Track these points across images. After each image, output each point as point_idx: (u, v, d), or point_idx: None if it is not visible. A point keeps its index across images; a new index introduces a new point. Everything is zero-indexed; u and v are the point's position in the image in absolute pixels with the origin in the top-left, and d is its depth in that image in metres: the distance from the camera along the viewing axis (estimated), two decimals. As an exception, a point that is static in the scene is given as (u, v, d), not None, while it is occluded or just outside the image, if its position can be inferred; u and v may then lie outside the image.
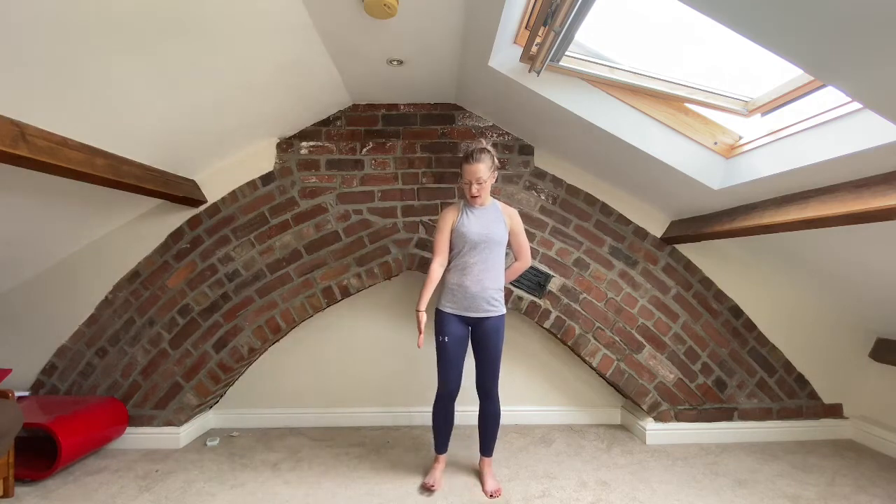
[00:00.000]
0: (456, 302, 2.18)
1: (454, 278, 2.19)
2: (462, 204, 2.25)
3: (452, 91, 2.69)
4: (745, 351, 2.81)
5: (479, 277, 2.15)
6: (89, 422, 2.44)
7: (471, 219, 2.19)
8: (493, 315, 2.18)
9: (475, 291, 2.15)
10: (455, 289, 2.18)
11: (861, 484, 2.25)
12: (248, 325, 2.77)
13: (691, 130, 2.23)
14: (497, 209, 2.25)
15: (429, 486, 2.19)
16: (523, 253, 2.33)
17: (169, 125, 2.19)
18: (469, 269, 2.16)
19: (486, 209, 2.23)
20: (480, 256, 2.16)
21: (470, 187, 2.15)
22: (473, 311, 2.17)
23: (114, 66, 1.69)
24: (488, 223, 2.19)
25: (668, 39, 2.16)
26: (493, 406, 2.24)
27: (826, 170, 1.72)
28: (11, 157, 1.58)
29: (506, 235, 2.23)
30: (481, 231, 2.16)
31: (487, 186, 2.19)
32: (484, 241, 2.16)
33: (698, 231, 2.49)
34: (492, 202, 2.26)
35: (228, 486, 2.27)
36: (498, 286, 2.20)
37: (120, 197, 2.44)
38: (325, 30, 1.96)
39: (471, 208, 2.23)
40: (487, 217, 2.21)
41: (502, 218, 2.23)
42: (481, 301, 2.16)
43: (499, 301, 2.21)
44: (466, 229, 2.17)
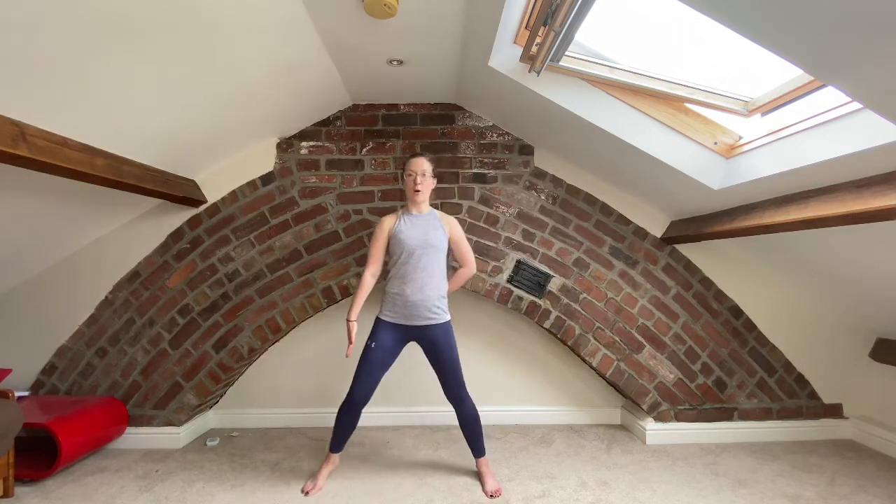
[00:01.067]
0: (396, 311, 2.18)
1: (394, 287, 2.19)
2: (400, 212, 2.27)
3: (452, 91, 2.69)
4: (745, 351, 2.81)
5: (419, 285, 2.14)
6: (89, 422, 2.44)
7: (408, 225, 2.20)
8: (435, 323, 2.17)
9: (416, 300, 2.14)
10: (395, 297, 2.17)
11: (861, 484, 2.25)
12: (248, 325, 2.77)
13: (691, 130, 2.23)
14: (435, 217, 2.26)
15: (305, 491, 2.16)
16: (467, 260, 2.32)
17: (169, 125, 2.19)
18: (409, 277, 2.15)
19: (423, 216, 2.24)
20: (419, 263, 2.15)
21: (414, 179, 2.18)
22: (414, 319, 2.16)
23: (114, 66, 1.69)
24: (426, 229, 2.19)
25: (668, 39, 2.16)
26: (468, 409, 2.22)
27: (826, 170, 1.72)
28: (11, 157, 1.58)
29: (445, 242, 2.23)
30: (419, 237, 2.17)
31: (428, 185, 2.23)
32: (422, 247, 2.15)
33: (698, 231, 2.49)
34: (430, 210, 2.28)
35: (228, 486, 2.27)
36: (440, 293, 2.19)
37: (120, 197, 2.44)
38: (325, 30, 1.96)
39: (408, 215, 2.24)
40: (425, 224, 2.21)
41: (440, 225, 2.24)
42: (422, 309, 2.15)
43: (441, 308, 2.19)
44: (404, 235, 2.17)
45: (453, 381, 2.20)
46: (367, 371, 2.18)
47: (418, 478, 2.33)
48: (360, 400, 2.20)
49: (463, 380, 2.23)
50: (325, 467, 2.29)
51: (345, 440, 2.29)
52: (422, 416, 3.06)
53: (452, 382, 2.20)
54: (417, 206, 2.25)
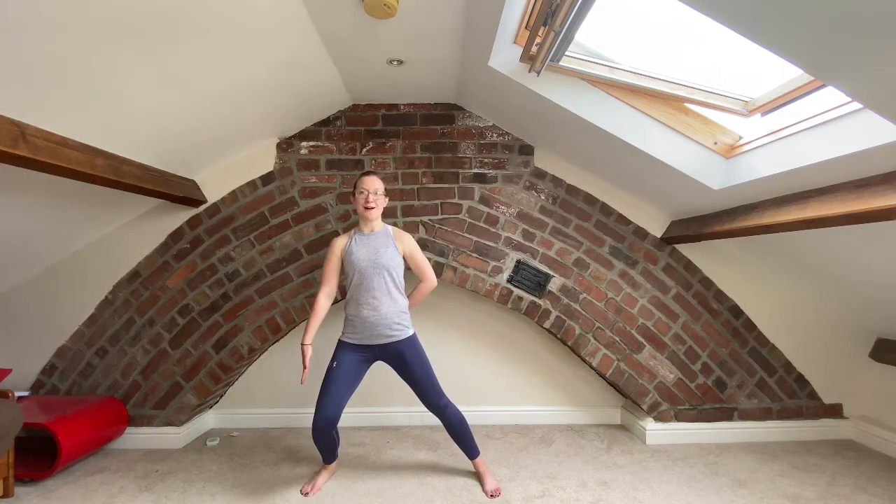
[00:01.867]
0: (356, 332, 2.16)
1: (351, 309, 2.18)
2: (353, 232, 2.25)
3: (452, 91, 2.69)
4: (745, 351, 2.81)
5: (374, 305, 2.12)
6: (89, 422, 2.44)
7: (359, 245, 2.18)
8: (397, 339, 2.15)
9: (374, 320, 2.12)
10: (354, 320, 2.16)
11: (861, 484, 2.25)
12: (248, 325, 2.77)
13: (691, 130, 2.23)
14: (388, 234, 2.22)
15: (303, 493, 2.17)
16: (425, 274, 2.28)
17: (169, 125, 2.19)
18: (363, 298, 2.13)
19: (375, 235, 2.21)
20: (373, 283, 2.13)
21: (366, 197, 2.15)
22: (375, 338, 2.14)
23: (114, 66, 1.69)
24: (377, 248, 2.16)
25: (668, 39, 2.16)
26: (451, 415, 2.19)
27: (826, 170, 1.72)
28: (11, 157, 1.58)
29: (397, 258, 2.19)
30: (369, 256, 2.14)
31: (381, 203, 2.20)
32: (373, 267, 2.13)
33: (698, 231, 2.49)
34: (383, 227, 2.25)
35: (228, 486, 2.27)
36: (398, 310, 2.17)
37: (120, 197, 2.44)
38: (325, 30, 1.96)
39: (360, 235, 2.22)
40: (376, 242, 2.18)
41: (392, 243, 2.20)
42: (382, 328, 2.13)
43: (402, 324, 2.17)
44: (354, 256, 2.15)
45: (430, 390, 2.18)
46: (330, 392, 2.11)
47: (418, 478, 2.33)
48: (327, 421, 2.10)
49: (440, 387, 2.20)
50: (323, 473, 2.29)
51: (333, 453, 2.26)
52: (422, 416, 3.05)
53: (430, 392, 2.18)
54: (369, 224, 2.21)
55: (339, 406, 2.12)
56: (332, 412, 2.10)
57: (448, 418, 2.19)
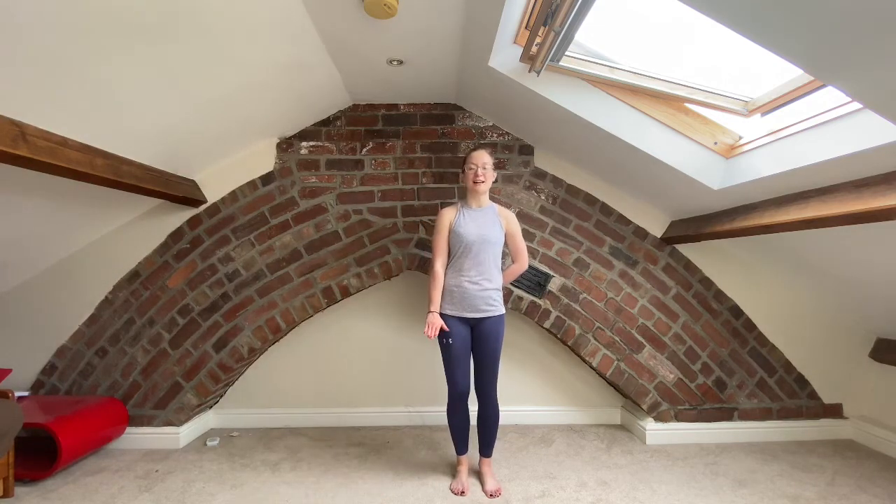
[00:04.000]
0: (455, 303, 2.19)
1: (452, 280, 2.21)
2: (460, 205, 2.28)
3: (452, 91, 2.69)
4: (745, 351, 2.81)
5: (476, 279, 2.17)
6: (89, 422, 2.44)
7: (467, 219, 2.22)
8: (492, 315, 2.19)
9: (474, 292, 2.16)
10: (454, 290, 2.19)
11: (861, 484, 2.25)
12: (248, 325, 2.77)
13: (691, 130, 2.23)
14: (494, 211, 2.27)
15: (458, 492, 2.19)
16: (521, 255, 2.33)
17: (169, 125, 2.19)
18: (466, 271, 2.18)
19: (482, 210, 2.25)
20: (477, 258, 2.17)
21: (475, 171, 2.19)
22: (472, 311, 2.18)
23: (114, 66, 1.69)
24: (485, 224, 2.21)
25: (668, 39, 2.16)
26: (492, 408, 2.23)
27: (826, 170, 1.72)
28: (11, 157, 1.58)
29: (502, 237, 2.25)
30: (478, 231, 2.18)
31: (490, 178, 2.24)
32: (480, 242, 2.17)
33: (698, 231, 2.49)
34: (489, 205, 2.29)
35: (228, 486, 2.27)
36: (496, 286, 2.21)
37: (120, 197, 2.44)
38: (325, 30, 1.96)
39: (468, 209, 2.25)
40: (484, 218, 2.23)
41: (498, 220, 2.25)
42: (480, 301, 2.17)
43: (497, 301, 2.21)
44: (463, 230, 2.19)
45: (489, 374, 2.22)
46: (456, 364, 2.19)
47: (418, 478, 2.33)
48: (462, 392, 2.21)
49: (497, 377, 2.24)
50: (460, 469, 2.29)
51: (465, 438, 2.29)
52: (422, 416, 3.06)
53: (487, 375, 2.22)
54: (477, 198, 2.26)
55: (468, 374, 2.23)
56: (465, 381, 2.21)
57: (486, 409, 2.23)
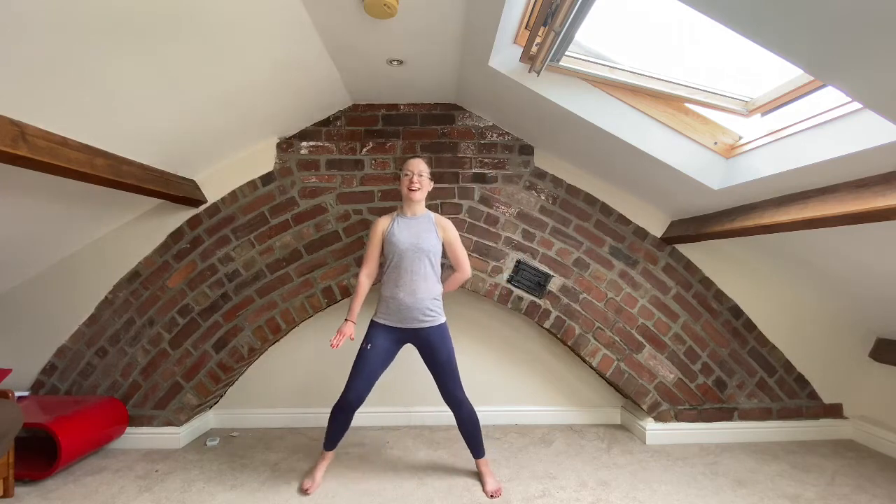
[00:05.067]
0: (390, 314, 2.18)
1: (387, 290, 2.19)
2: (395, 214, 2.27)
3: (452, 91, 2.69)
4: (745, 351, 2.81)
5: (411, 288, 2.15)
6: (89, 422, 2.44)
7: (401, 228, 2.20)
8: (429, 325, 2.17)
9: (409, 303, 2.15)
10: (389, 301, 2.18)
11: (861, 484, 2.25)
12: (248, 325, 2.77)
13: (691, 130, 2.23)
14: (430, 220, 2.25)
15: (304, 490, 2.16)
16: (461, 264, 2.30)
17: (169, 125, 2.19)
18: (401, 280, 2.16)
19: (418, 219, 2.24)
20: (412, 267, 2.15)
21: (411, 178, 2.18)
22: (408, 322, 2.16)
23: (114, 65, 1.69)
24: (418, 232, 2.19)
25: (668, 39, 2.16)
26: (466, 411, 2.21)
27: (826, 170, 1.72)
28: (11, 157, 1.58)
29: (438, 245, 2.22)
30: (411, 240, 2.16)
31: (426, 186, 2.23)
32: (413, 251, 2.15)
33: (698, 231, 2.49)
34: (425, 213, 2.28)
35: (228, 486, 2.27)
36: (432, 296, 2.19)
37: (120, 197, 2.44)
38: (325, 30, 1.96)
39: (403, 218, 2.24)
40: (418, 227, 2.21)
41: (434, 228, 2.23)
42: (416, 312, 2.15)
43: (435, 311, 2.19)
44: (396, 238, 2.17)
45: (450, 383, 2.19)
46: (363, 372, 2.17)
47: (418, 478, 2.33)
48: (354, 401, 2.17)
49: (460, 382, 2.22)
50: (320, 464, 2.28)
51: (338, 439, 2.27)
52: (422, 416, 3.06)
53: (450, 385, 2.19)
54: (412, 207, 2.25)
55: (369, 387, 2.18)
56: (362, 392, 2.17)
57: (461, 414, 2.21)
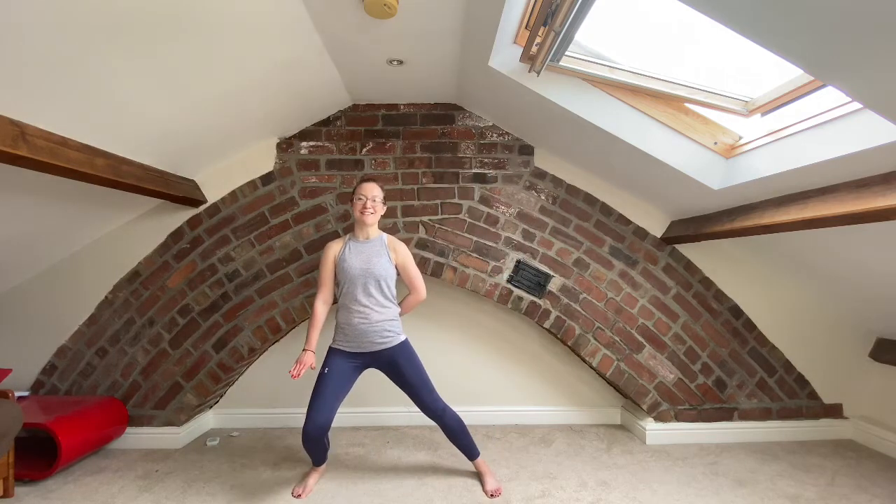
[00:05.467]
0: (347, 339, 2.17)
1: (342, 317, 2.18)
2: (347, 238, 2.25)
3: (452, 91, 2.69)
4: (745, 351, 2.81)
5: (365, 314, 2.13)
6: (89, 422, 2.44)
7: (352, 253, 2.18)
8: (388, 346, 2.15)
9: (364, 328, 2.13)
10: (344, 327, 2.17)
11: (861, 484, 2.25)
12: (248, 325, 2.77)
13: (691, 130, 2.23)
14: (382, 243, 2.23)
15: (296, 495, 2.15)
16: (415, 286, 2.29)
17: (169, 125, 2.19)
18: (354, 306, 2.14)
19: (369, 242, 2.21)
20: (365, 291, 2.13)
21: (364, 203, 2.15)
22: (366, 346, 2.15)
23: (114, 66, 1.69)
24: (369, 257, 2.17)
25: (668, 39, 2.16)
26: (450, 419, 2.19)
27: (826, 170, 1.72)
28: (11, 157, 1.58)
29: (390, 268, 2.19)
30: (362, 265, 2.14)
31: (379, 210, 2.20)
32: (365, 276, 2.13)
33: (698, 231, 2.49)
34: (378, 235, 2.25)
35: (228, 486, 2.27)
36: (388, 318, 2.17)
37: (120, 197, 2.44)
38: (325, 30, 1.96)
39: (355, 242, 2.22)
40: (370, 251, 2.19)
41: (386, 252, 2.20)
42: (372, 335, 2.14)
43: (392, 331, 2.17)
44: (347, 264, 2.15)
45: (425, 395, 2.17)
46: (323, 395, 2.09)
47: (418, 478, 2.33)
48: (318, 426, 2.06)
49: (435, 392, 2.19)
50: (312, 475, 2.28)
51: (323, 458, 2.26)
52: (422, 416, 3.03)
53: (426, 397, 2.17)
54: (364, 230, 2.21)
55: (331, 412, 2.10)
56: (324, 418, 2.07)
57: (445, 422, 2.19)
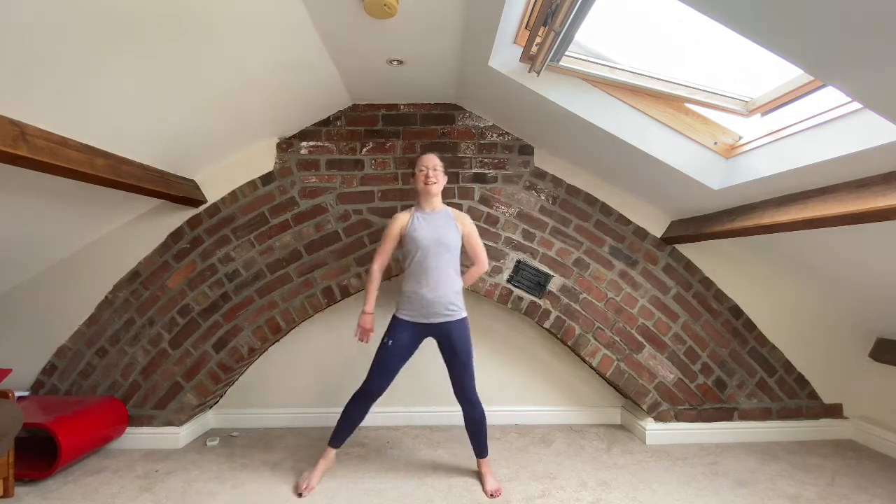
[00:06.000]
0: (413, 309, 2.18)
1: (409, 286, 2.19)
2: (413, 210, 2.28)
3: (452, 91, 2.69)
4: (745, 351, 2.81)
5: (434, 283, 2.15)
6: (89, 422, 2.44)
7: (421, 223, 2.20)
8: (452, 320, 2.17)
9: (431, 298, 2.14)
10: (412, 296, 2.18)
11: (861, 484, 2.25)
12: (248, 325, 2.77)
13: (691, 130, 2.23)
14: (449, 215, 2.26)
15: (298, 491, 2.14)
16: (479, 257, 2.32)
17: (169, 125, 2.19)
18: (423, 275, 2.15)
19: (437, 214, 2.24)
20: (434, 262, 2.15)
21: (426, 173, 2.19)
22: (432, 317, 2.16)
23: (114, 66, 1.69)
24: (439, 227, 2.20)
25: (668, 39, 2.16)
26: (476, 410, 2.22)
27: (826, 170, 1.72)
28: (11, 157, 1.58)
29: (458, 239, 2.23)
30: (432, 235, 2.17)
31: (441, 180, 2.24)
32: (435, 245, 2.15)
33: (698, 231, 2.49)
34: (443, 208, 2.28)
35: (228, 486, 2.27)
36: (455, 290, 2.19)
37: (120, 197, 2.44)
38: (325, 30, 1.96)
39: (422, 213, 2.24)
40: (438, 221, 2.22)
41: (454, 223, 2.24)
42: (439, 307, 2.15)
43: (457, 306, 2.19)
44: (418, 234, 2.17)
45: (468, 379, 2.21)
46: (384, 367, 2.19)
47: (418, 478, 2.33)
48: (374, 392, 2.20)
49: (474, 379, 2.23)
50: (320, 464, 2.27)
51: (347, 435, 2.27)
52: (422, 416, 3.06)
53: (467, 382, 2.21)
54: (430, 201, 2.25)
55: (390, 379, 2.21)
56: (383, 385, 2.20)
57: (472, 413, 2.23)
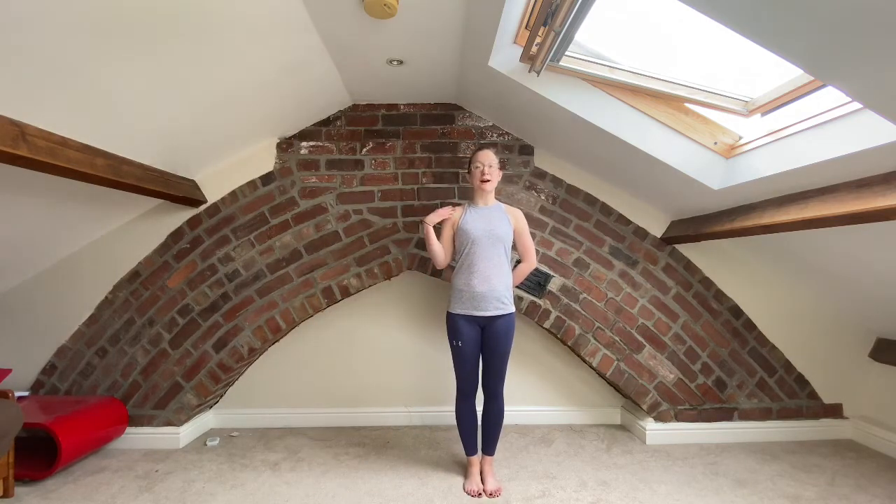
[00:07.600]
0: (465, 302, 2.20)
1: (461, 279, 2.22)
2: (466, 205, 2.31)
3: (452, 91, 2.69)
4: (745, 351, 2.81)
5: (486, 276, 2.17)
6: (89, 422, 2.44)
7: (474, 217, 2.24)
8: (503, 313, 2.19)
9: (483, 291, 2.17)
10: (464, 290, 2.20)
11: (861, 484, 2.25)
12: (248, 325, 2.77)
13: (691, 130, 2.23)
14: (501, 209, 2.29)
15: (474, 493, 2.16)
16: (528, 254, 2.34)
17: (169, 125, 2.19)
18: (475, 269, 2.18)
19: (489, 208, 2.28)
20: (485, 254, 2.18)
21: (482, 170, 2.21)
22: (483, 309, 2.18)
23: (114, 66, 1.69)
24: (491, 220, 2.23)
25: (668, 39, 2.16)
26: (497, 406, 2.25)
27: (826, 170, 1.72)
28: (11, 157, 1.58)
29: (510, 233, 2.25)
30: (485, 227, 2.20)
31: (496, 176, 2.26)
32: (488, 238, 2.18)
33: (698, 231, 2.49)
34: (496, 203, 2.32)
35: (228, 486, 2.27)
36: (506, 284, 2.22)
37: (120, 197, 2.44)
38: (325, 30, 1.96)
39: (474, 208, 2.28)
40: (490, 215, 2.25)
41: (506, 217, 2.27)
42: (491, 299, 2.17)
43: (508, 300, 2.22)
44: (470, 226, 2.20)
45: (497, 373, 2.23)
46: (464, 365, 2.22)
47: (418, 478, 2.33)
48: (467, 391, 2.25)
49: (505, 375, 2.26)
50: (472, 471, 2.27)
51: (473, 439, 2.30)
52: (422, 416, 3.06)
53: (496, 374, 2.23)
54: (484, 197, 2.28)
55: (476, 374, 2.26)
56: (473, 381, 2.25)
57: (492, 407, 2.25)
